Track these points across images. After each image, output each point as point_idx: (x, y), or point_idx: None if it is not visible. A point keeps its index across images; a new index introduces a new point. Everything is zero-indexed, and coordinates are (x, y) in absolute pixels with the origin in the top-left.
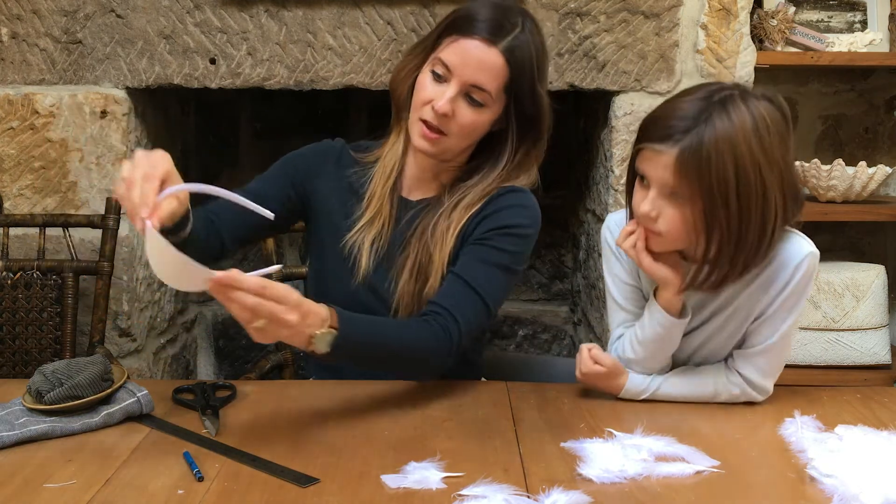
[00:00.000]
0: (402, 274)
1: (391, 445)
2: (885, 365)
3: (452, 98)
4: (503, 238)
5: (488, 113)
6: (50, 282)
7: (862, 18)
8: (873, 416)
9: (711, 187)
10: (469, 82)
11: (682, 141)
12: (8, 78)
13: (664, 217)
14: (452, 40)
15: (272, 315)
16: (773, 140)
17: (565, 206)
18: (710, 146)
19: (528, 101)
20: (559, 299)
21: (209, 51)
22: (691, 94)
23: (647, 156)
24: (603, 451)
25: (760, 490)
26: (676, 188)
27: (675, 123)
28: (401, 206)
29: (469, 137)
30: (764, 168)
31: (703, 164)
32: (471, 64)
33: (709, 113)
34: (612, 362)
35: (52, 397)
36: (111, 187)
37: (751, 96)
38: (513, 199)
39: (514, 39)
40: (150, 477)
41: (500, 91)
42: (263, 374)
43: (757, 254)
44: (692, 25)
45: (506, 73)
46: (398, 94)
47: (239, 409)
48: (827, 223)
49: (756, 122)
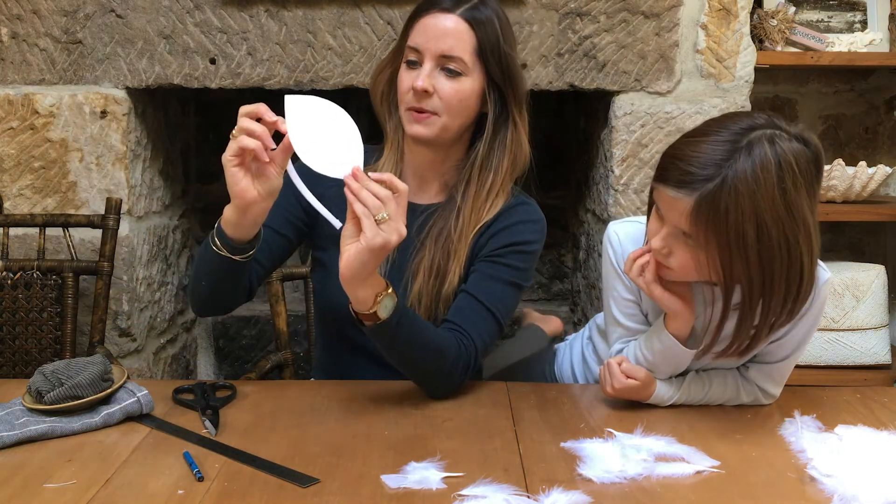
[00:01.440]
0: (418, 276)
1: (391, 445)
2: (884, 365)
3: (429, 73)
4: (513, 256)
5: (468, 81)
6: (50, 282)
7: (862, 18)
8: (873, 416)
9: (728, 240)
10: (439, 54)
11: (699, 190)
12: (8, 78)
13: (676, 255)
14: (415, 24)
15: (396, 212)
16: (799, 190)
17: (565, 206)
18: (729, 198)
19: (500, 64)
20: (559, 299)
21: (209, 51)
22: (718, 132)
23: (663, 197)
24: (603, 451)
25: (760, 490)
26: (691, 234)
27: (696, 171)
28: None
29: (459, 112)
30: (786, 222)
31: (722, 216)
32: (436, 35)
33: (732, 159)
34: (645, 374)
35: (52, 397)
36: (111, 188)
37: (782, 138)
38: (522, 214)
39: (473, 6)
40: (150, 477)
41: (472, 56)
42: (263, 374)
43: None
44: (692, 25)
45: (472, 37)
46: (379, 101)
47: (239, 409)
48: (827, 223)
49: (783, 170)
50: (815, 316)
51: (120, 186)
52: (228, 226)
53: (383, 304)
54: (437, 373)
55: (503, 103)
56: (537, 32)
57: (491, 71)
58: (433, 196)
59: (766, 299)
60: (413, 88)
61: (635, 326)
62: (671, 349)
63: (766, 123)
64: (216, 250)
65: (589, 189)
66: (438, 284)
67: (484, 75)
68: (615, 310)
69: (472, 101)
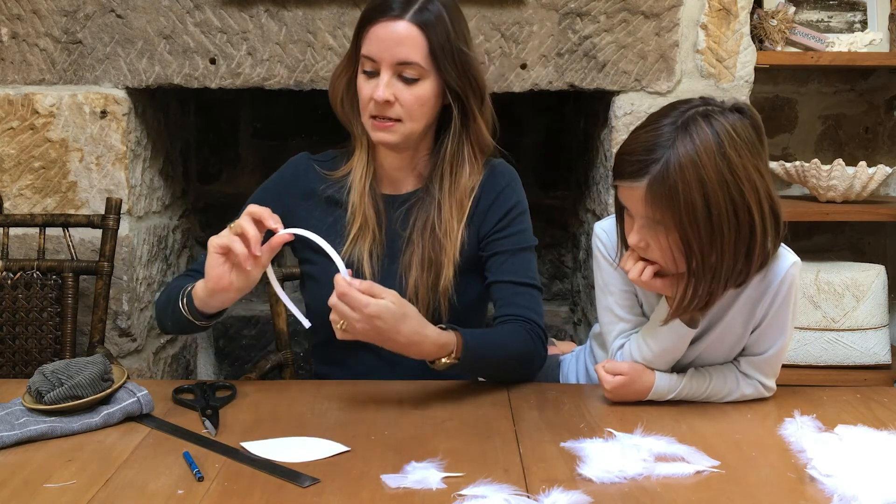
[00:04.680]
0: (411, 270)
1: (391, 445)
2: (884, 365)
3: (388, 83)
4: (515, 223)
5: (427, 85)
6: (50, 282)
7: (862, 18)
8: (873, 416)
9: (681, 214)
10: (395, 62)
11: (650, 173)
12: (8, 78)
13: (653, 247)
14: (366, 32)
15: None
16: (742, 154)
17: (565, 206)
18: (675, 174)
19: (454, 61)
20: (559, 299)
21: (209, 51)
22: (657, 121)
23: (623, 192)
24: (603, 451)
25: (760, 490)
26: (655, 218)
27: (643, 158)
28: (387, 204)
29: (422, 116)
30: (732, 187)
31: (671, 192)
32: (388, 44)
33: (672, 140)
34: (628, 366)
35: (52, 397)
36: (111, 188)
37: (716, 112)
38: (500, 180)
39: (420, 6)
40: (150, 477)
41: (427, 59)
42: (263, 374)
43: (740, 273)
44: (692, 25)
45: (423, 40)
46: (341, 108)
47: (239, 409)
48: (827, 223)
49: (721, 139)
50: (789, 301)
51: (120, 186)
52: (197, 298)
53: (439, 365)
54: (523, 367)
55: (462, 98)
56: (537, 32)
57: (445, 71)
58: (410, 186)
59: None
60: (374, 99)
61: (636, 318)
62: (675, 331)
63: (700, 103)
64: (182, 310)
65: (589, 189)
66: (434, 277)
67: (440, 74)
68: (614, 305)
69: (432, 102)
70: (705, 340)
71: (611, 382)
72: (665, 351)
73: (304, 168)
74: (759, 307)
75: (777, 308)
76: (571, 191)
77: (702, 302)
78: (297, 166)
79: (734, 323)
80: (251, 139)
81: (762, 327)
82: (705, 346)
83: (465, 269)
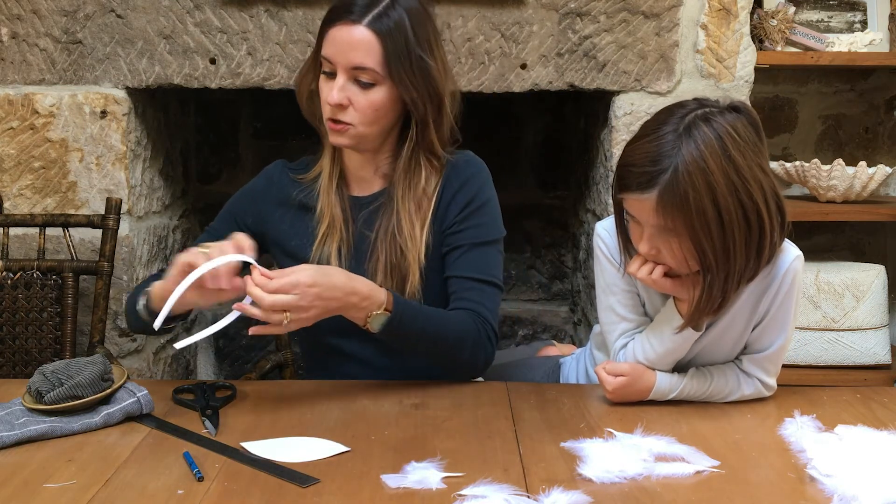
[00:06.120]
0: (377, 277)
1: (391, 445)
2: (884, 365)
3: (342, 87)
4: (474, 216)
5: (382, 91)
6: (50, 282)
7: (862, 18)
8: (873, 416)
9: (693, 220)
10: (350, 66)
11: (659, 184)
12: (8, 78)
13: (665, 252)
14: (326, 34)
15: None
16: (745, 154)
17: (565, 206)
18: (685, 182)
19: (411, 69)
20: (559, 299)
21: (209, 51)
22: (657, 129)
23: (630, 203)
24: (603, 451)
25: (760, 490)
26: (666, 226)
27: (650, 169)
28: (353, 206)
29: (376, 120)
30: (741, 189)
31: (682, 200)
32: (343, 49)
33: (676, 147)
34: (629, 367)
35: (52, 397)
36: (111, 187)
37: (714, 113)
38: (462, 173)
39: (379, 12)
40: (150, 477)
41: (382, 65)
42: (263, 374)
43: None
44: (692, 25)
45: (379, 47)
46: (307, 107)
47: (239, 409)
48: (827, 223)
49: (724, 142)
50: (791, 295)
51: (120, 186)
52: (156, 298)
53: (372, 322)
54: (464, 352)
55: (419, 106)
56: (537, 32)
57: (400, 79)
58: (377, 186)
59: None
60: (328, 103)
61: (639, 318)
62: (681, 333)
63: (696, 106)
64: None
65: (589, 189)
66: (400, 282)
67: (395, 82)
68: (616, 305)
69: (387, 108)
70: (708, 337)
71: (612, 384)
72: (669, 352)
73: (278, 176)
74: (762, 301)
75: (780, 302)
76: (571, 191)
77: (716, 304)
78: (270, 175)
79: (737, 318)
80: (251, 139)
81: (765, 322)
82: (708, 342)
83: (433, 270)
